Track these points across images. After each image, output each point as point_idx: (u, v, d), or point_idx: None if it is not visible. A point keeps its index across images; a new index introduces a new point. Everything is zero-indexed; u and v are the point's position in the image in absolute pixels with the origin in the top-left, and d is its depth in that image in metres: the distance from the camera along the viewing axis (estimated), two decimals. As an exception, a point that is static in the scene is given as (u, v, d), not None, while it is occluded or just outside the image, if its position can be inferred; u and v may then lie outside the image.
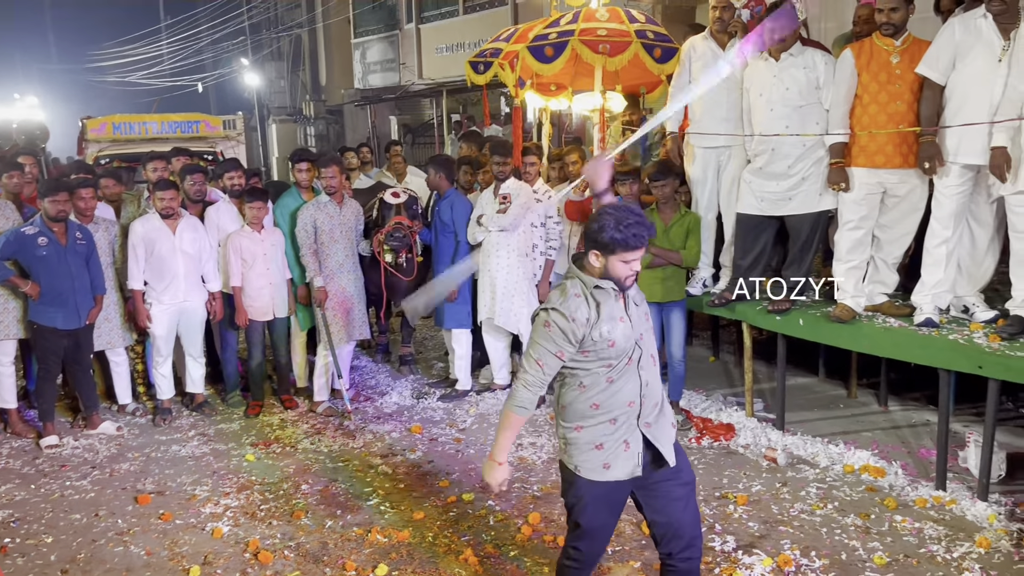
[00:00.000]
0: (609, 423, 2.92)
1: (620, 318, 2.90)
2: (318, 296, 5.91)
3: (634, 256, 2.84)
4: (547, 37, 6.03)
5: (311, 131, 23.88)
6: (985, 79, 4.32)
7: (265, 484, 4.87)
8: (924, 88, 4.56)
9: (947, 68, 4.44)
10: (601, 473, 2.94)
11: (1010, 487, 4.46)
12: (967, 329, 4.51)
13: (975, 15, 4.38)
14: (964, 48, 4.37)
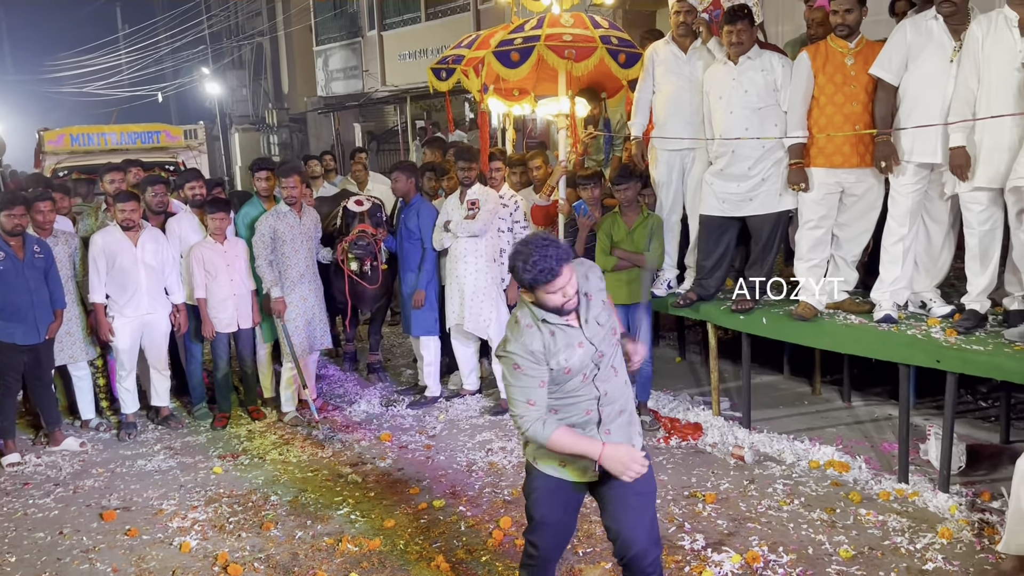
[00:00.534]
0: (567, 427, 2.90)
1: (579, 343, 2.85)
2: (276, 307, 5.84)
3: (555, 287, 2.75)
4: (512, 42, 6.05)
5: (274, 140, 23.69)
6: (937, 79, 4.43)
7: (233, 496, 4.82)
8: (878, 89, 4.66)
9: (900, 69, 4.55)
10: (556, 469, 2.98)
11: (970, 478, 4.56)
12: (925, 324, 4.61)
13: (926, 17, 4.48)
14: (916, 49, 4.48)
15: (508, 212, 6.08)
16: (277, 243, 5.84)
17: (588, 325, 2.89)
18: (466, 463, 5.15)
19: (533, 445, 2.98)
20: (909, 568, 3.74)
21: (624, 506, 2.95)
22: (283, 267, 5.88)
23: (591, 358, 2.88)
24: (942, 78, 4.42)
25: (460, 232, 5.93)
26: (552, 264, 2.73)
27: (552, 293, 2.77)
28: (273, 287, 5.80)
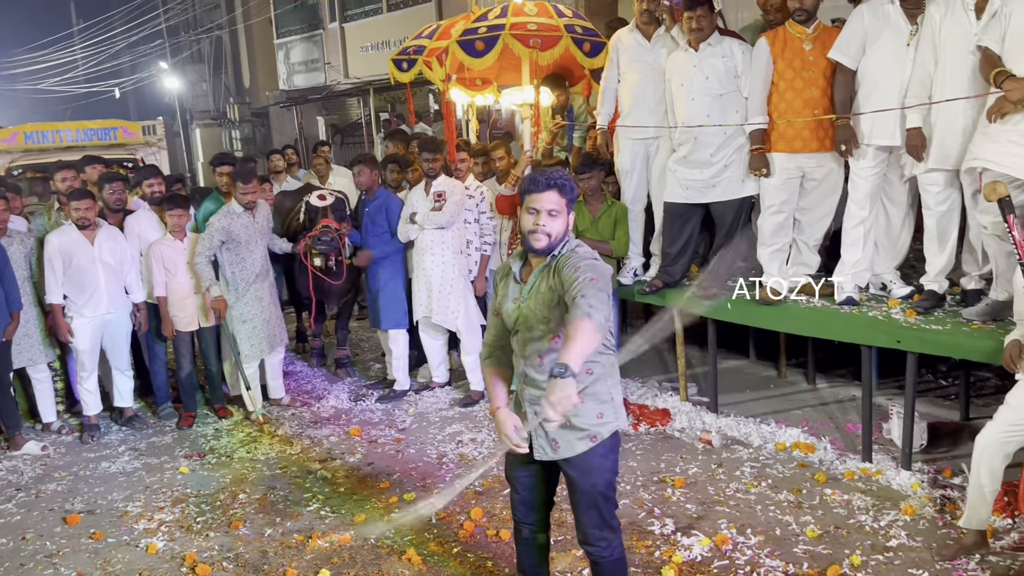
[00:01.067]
0: (500, 367, 3.11)
1: (513, 299, 2.95)
2: (217, 306, 5.70)
3: (534, 202, 2.82)
4: (477, 32, 6.03)
5: (236, 134, 23.38)
6: (895, 63, 4.48)
7: (201, 496, 4.77)
8: (837, 73, 4.71)
9: (858, 53, 4.59)
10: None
11: (932, 455, 4.64)
12: (885, 305, 4.68)
13: (882, 1, 4.54)
14: (873, 33, 4.53)
15: (474, 203, 6.07)
16: (232, 243, 5.72)
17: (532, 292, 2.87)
18: (436, 456, 5.14)
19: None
20: (874, 545, 3.80)
21: (572, 491, 3.01)
22: (240, 267, 5.78)
23: (514, 326, 2.94)
24: (899, 61, 4.47)
25: (427, 224, 5.90)
26: (543, 179, 2.85)
27: (530, 209, 2.84)
28: (212, 286, 5.67)
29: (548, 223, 2.81)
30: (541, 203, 2.82)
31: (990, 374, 5.73)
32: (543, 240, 2.82)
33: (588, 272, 2.71)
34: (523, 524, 3.23)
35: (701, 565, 3.73)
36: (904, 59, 4.46)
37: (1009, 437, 3.51)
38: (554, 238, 2.83)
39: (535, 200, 2.83)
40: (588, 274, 2.70)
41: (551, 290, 2.83)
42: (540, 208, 2.82)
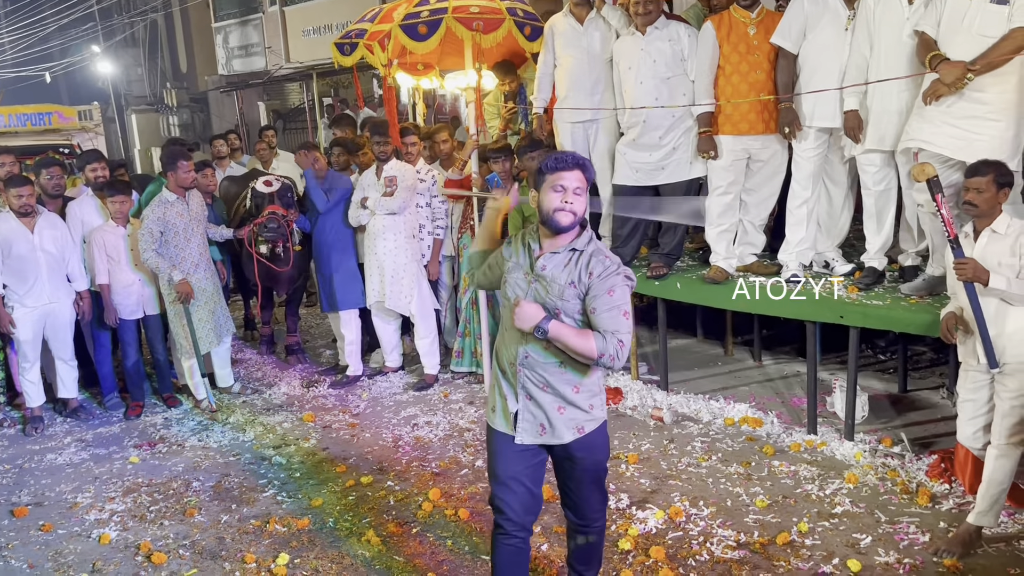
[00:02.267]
0: (500, 371, 2.96)
1: (525, 273, 2.89)
2: (183, 289, 5.54)
3: (562, 180, 2.77)
4: (419, 15, 5.99)
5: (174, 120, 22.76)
6: (834, 47, 4.62)
7: (153, 485, 4.70)
8: (779, 57, 4.83)
9: (799, 37, 4.72)
10: (490, 416, 3.03)
11: (873, 426, 4.83)
12: (828, 283, 4.83)
13: None
14: (814, 19, 4.65)
15: (426, 187, 6.06)
16: (168, 233, 5.57)
17: (541, 272, 2.85)
18: (392, 439, 5.15)
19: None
20: (820, 512, 3.95)
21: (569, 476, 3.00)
22: (177, 257, 5.60)
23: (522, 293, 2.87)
24: (838, 45, 4.61)
25: (378, 210, 5.88)
26: (570, 158, 2.83)
27: (556, 188, 2.79)
28: (173, 271, 5.54)
29: (575, 201, 2.79)
30: (568, 181, 2.78)
31: (925, 348, 5.97)
32: (569, 217, 2.79)
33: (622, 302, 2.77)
34: (518, 532, 2.94)
35: (656, 537, 3.83)
36: (843, 43, 4.60)
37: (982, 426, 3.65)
38: (578, 216, 2.83)
39: (562, 178, 2.79)
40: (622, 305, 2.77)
41: (572, 285, 2.80)
42: (567, 186, 2.78)
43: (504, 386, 2.95)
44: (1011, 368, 3.47)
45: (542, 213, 2.83)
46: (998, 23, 3.93)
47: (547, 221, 2.81)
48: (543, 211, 2.82)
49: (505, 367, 2.94)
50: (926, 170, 3.54)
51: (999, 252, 3.42)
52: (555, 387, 2.87)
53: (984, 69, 3.91)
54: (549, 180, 2.81)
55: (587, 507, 3.03)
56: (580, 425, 2.90)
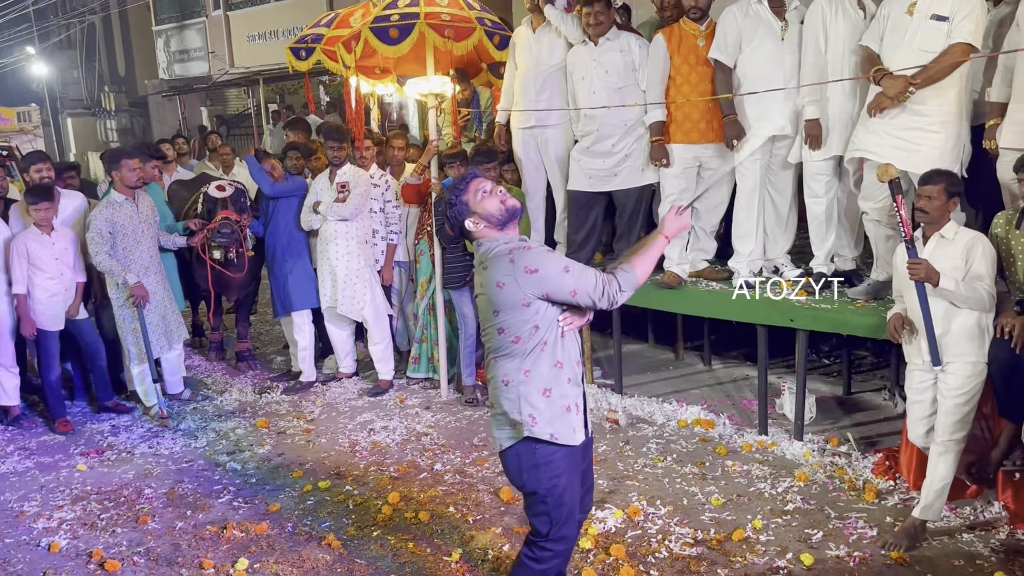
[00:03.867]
0: (567, 382, 2.80)
1: None
2: (138, 293, 5.43)
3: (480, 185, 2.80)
4: (389, 19, 5.98)
5: (112, 125, 22.25)
6: (772, 57, 4.79)
7: (103, 493, 4.59)
8: (716, 72, 4.96)
9: (735, 50, 4.87)
10: (572, 436, 2.80)
11: (820, 427, 4.98)
12: (778, 288, 4.97)
13: (751, 1, 4.84)
14: (749, 32, 4.81)
15: (379, 192, 6.05)
16: (117, 236, 5.44)
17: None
18: (348, 444, 5.12)
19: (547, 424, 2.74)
20: (773, 510, 4.06)
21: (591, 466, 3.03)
22: (127, 260, 5.48)
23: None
24: (776, 55, 4.78)
25: (330, 215, 5.85)
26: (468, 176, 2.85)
27: (482, 193, 2.78)
28: (127, 274, 5.42)
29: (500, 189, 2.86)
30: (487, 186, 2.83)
31: (866, 352, 6.18)
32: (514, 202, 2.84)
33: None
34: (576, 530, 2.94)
35: (616, 535, 3.89)
36: (781, 53, 4.77)
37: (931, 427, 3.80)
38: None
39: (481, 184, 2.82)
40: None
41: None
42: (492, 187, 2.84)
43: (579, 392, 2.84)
44: (953, 367, 3.63)
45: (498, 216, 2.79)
46: (937, 38, 4.12)
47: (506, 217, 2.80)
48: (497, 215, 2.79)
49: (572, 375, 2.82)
50: (889, 171, 3.67)
51: (947, 256, 3.58)
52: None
53: (924, 83, 4.09)
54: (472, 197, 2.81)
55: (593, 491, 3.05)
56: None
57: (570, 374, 2.80)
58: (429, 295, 5.90)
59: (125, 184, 5.49)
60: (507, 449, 2.84)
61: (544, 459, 2.77)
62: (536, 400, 2.75)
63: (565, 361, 2.78)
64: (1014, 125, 4.02)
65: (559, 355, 2.77)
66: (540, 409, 2.75)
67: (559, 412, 2.77)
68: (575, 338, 2.85)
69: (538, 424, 2.75)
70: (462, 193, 2.83)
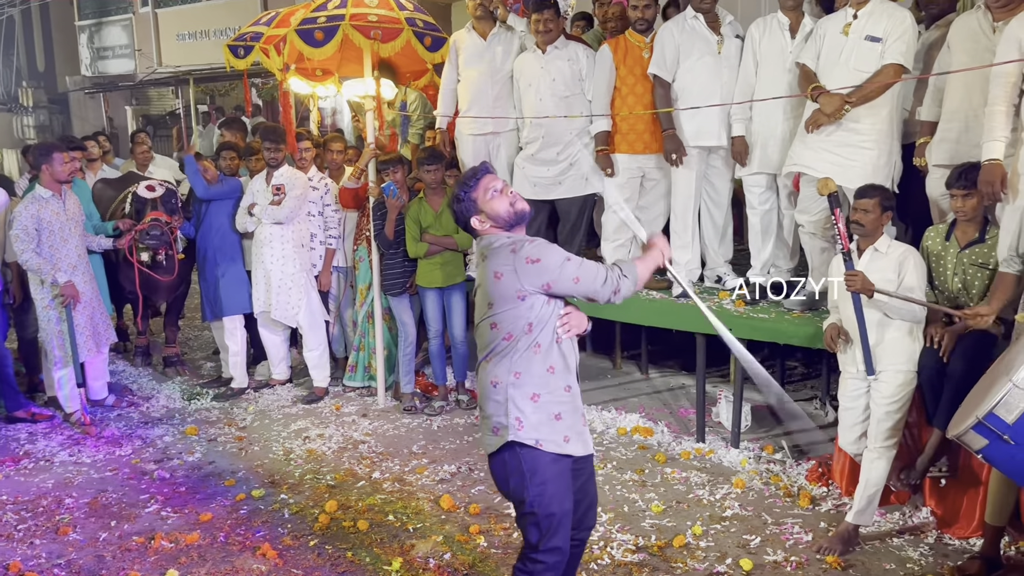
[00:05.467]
0: (564, 390, 2.75)
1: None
2: (68, 292, 5.18)
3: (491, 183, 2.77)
4: (316, 20, 5.89)
5: (29, 121, 21.30)
6: (709, 70, 4.91)
7: (19, 503, 4.36)
8: (656, 87, 5.03)
9: (673, 66, 4.96)
10: (562, 446, 2.74)
11: (756, 435, 5.06)
12: (717, 297, 5.06)
13: (686, 17, 4.98)
14: (686, 47, 4.92)
15: (318, 195, 5.94)
16: (43, 233, 5.20)
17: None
18: (283, 452, 4.99)
19: (532, 430, 2.69)
20: (712, 516, 4.11)
21: (587, 473, 2.91)
22: (53, 258, 5.23)
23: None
24: (714, 68, 4.90)
25: (264, 218, 5.71)
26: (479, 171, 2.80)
27: (493, 192, 2.76)
28: (56, 273, 5.18)
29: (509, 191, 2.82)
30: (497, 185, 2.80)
31: (797, 363, 6.33)
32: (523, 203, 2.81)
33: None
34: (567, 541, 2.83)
35: (558, 543, 3.87)
36: (718, 66, 4.88)
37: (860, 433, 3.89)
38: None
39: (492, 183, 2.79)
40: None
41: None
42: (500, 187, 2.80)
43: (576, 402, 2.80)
44: (886, 376, 3.74)
45: (505, 218, 2.76)
46: (871, 59, 4.27)
47: (515, 220, 2.78)
48: (505, 216, 2.76)
49: (571, 382, 2.78)
50: (828, 185, 3.77)
51: (881, 269, 3.69)
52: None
53: (859, 101, 4.23)
54: (482, 195, 2.77)
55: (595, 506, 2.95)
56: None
57: (565, 383, 2.75)
58: (368, 303, 5.80)
59: (55, 178, 5.26)
60: (493, 455, 2.78)
61: (529, 465, 2.70)
62: (524, 404, 2.69)
63: (559, 368, 2.73)
64: (944, 143, 4.18)
65: (553, 360, 2.71)
66: (527, 413, 2.69)
67: (546, 418, 2.71)
68: (573, 348, 2.80)
69: (524, 428, 2.69)
70: (471, 190, 2.78)
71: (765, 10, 5.56)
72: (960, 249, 3.84)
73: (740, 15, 5.54)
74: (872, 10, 4.28)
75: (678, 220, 5.20)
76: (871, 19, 4.27)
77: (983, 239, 3.80)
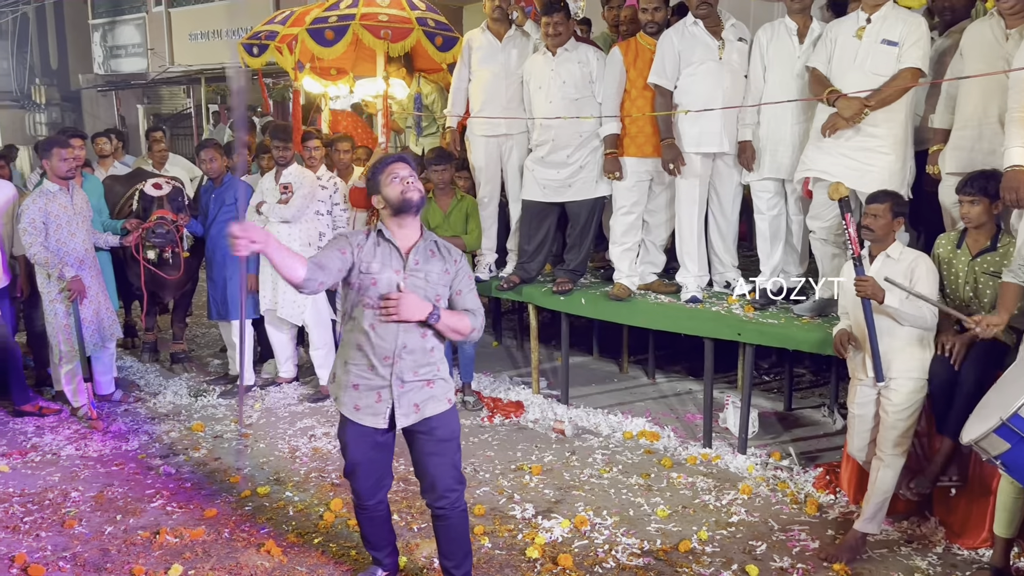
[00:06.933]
0: (368, 368, 3.12)
1: (396, 270, 3.07)
2: (75, 287, 5.19)
3: (392, 171, 3.06)
4: (327, 20, 5.93)
5: (42, 118, 21.44)
6: (712, 74, 4.87)
7: (26, 495, 4.37)
8: (656, 96, 5.01)
9: (673, 74, 4.93)
10: (352, 413, 3.17)
11: (763, 441, 5.04)
12: (726, 302, 5.04)
13: (686, 23, 4.93)
14: (687, 54, 4.89)
15: (327, 194, 5.93)
16: (51, 227, 5.22)
17: (415, 268, 3.09)
18: (289, 449, 4.98)
19: (338, 389, 3.20)
20: (717, 521, 4.09)
21: (424, 451, 3.20)
22: (60, 252, 5.24)
23: (395, 286, 3.06)
24: (716, 73, 4.86)
25: (272, 216, 5.71)
26: (392, 156, 3.16)
27: (393, 178, 3.05)
28: (64, 268, 5.20)
29: (414, 181, 3.08)
30: (401, 170, 3.08)
31: (805, 370, 6.30)
32: (416, 194, 3.05)
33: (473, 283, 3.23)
34: (378, 504, 3.36)
35: (563, 545, 3.86)
36: (720, 71, 4.85)
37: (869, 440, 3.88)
38: (422, 194, 3.08)
39: (394, 170, 3.07)
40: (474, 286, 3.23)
41: (446, 272, 3.15)
42: (401, 174, 3.07)
43: (375, 382, 3.11)
44: (896, 383, 3.71)
45: (393, 203, 3.05)
46: (888, 63, 4.25)
47: (401, 206, 3.05)
48: (394, 201, 3.05)
49: (375, 363, 3.10)
50: (839, 189, 3.76)
51: (892, 275, 3.66)
52: (426, 367, 3.14)
53: (878, 105, 4.21)
54: (382, 179, 3.07)
55: (441, 484, 3.21)
56: (447, 395, 3.21)
57: (369, 363, 3.10)
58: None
59: (56, 173, 5.27)
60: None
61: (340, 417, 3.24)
62: (339, 367, 3.21)
63: (365, 348, 3.09)
64: (957, 151, 4.16)
65: (360, 340, 3.09)
66: (337, 373, 3.22)
67: (345, 385, 3.16)
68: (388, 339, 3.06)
69: (335, 384, 3.23)
70: (379, 172, 3.11)
71: (778, 16, 5.54)
72: (971, 257, 3.81)
73: (752, 21, 5.52)
74: (886, 15, 4.26)
75: (684, 226, 5.18)
76: (885, 23, 4.25)
77: (995, 247, 3.78)
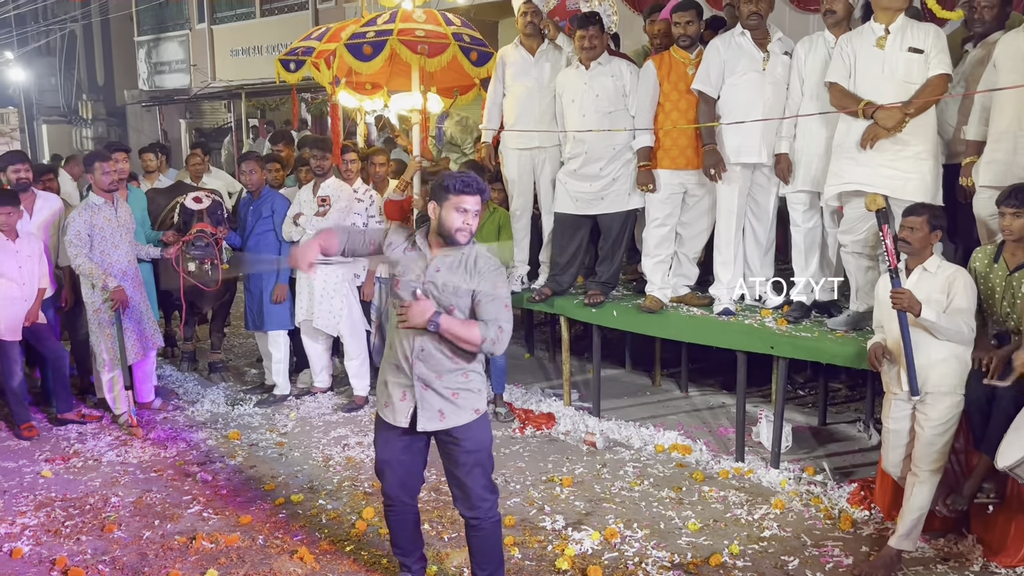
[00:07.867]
0: (395, 366, 3.24)
1: (417, 275, 3.15)
2: (119, 297, 5.34)
3: (464, 202, 3.08)
4: (365, 36, 6.01)
5: (88, 133, 22.01)
6: (754, 86, 4.86)
7: (68, 500, 4.48)
8: (700, 103, 5.02)
9: (718, 82, 4.94)
10: (382, 409, 3.31)
11: (796, 455, 4.99)
12: (759, 315, 5.01)
13: (734, 34, 4.93)
14: (732, 63, 4.89)
15: (363, 207, 6.02)
16: (95, 239, 5.37)
17: (434, 274, 3.15)
18: (322, 458, 5.05)
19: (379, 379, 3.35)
20: (749, 536, 4.06)
21: (455, 461, 3.27)
22: (104, 263, 5.39)
23: (411, 293, 3.13)
24: (758, 84, 4.85)
25: (309, 228, 5.80)
26: (474, 184, 3.12)
27: (459, 209, 3.09)
28: (107, 279, 5.35)
29: (473, 223, 3.14)
30: (471, 205, 3.11)
31: (840, 384, 6.23)
32: (467, 237, 3.14)
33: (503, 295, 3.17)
34: (406, 503, 3.43)
35: (592, 557, 3.86)
36: (762, 83, 4.84)
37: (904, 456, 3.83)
38: (473, 234, 3.18)
39: (465, 202, 3.10)
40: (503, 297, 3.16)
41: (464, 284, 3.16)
42: (469, 209, 3.11)
43: (401, 380, 3.22)
44: (932, 397, 3.67)
45: (443, 228, 3.12)
46: (919, 70, 4.23)
47: (447, 237, 3.13)
48: (444, 227, 3.12)
49: (400, 362, 3.20)
50: (877, 200, 3.73)
51: (929, 289, 3.63)
52: (453, 375, 3.19)
53: (916, 112, 4.18)
54: (453, 201, 3.10)
55: (473, 493, 3.26)
56: (475, 406, 3.25)
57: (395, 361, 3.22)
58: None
59: (99, 186, 5.43)
60: None
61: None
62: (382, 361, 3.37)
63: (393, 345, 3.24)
64: (991, 164, 4.11)
65: (392, 337, 3.25)
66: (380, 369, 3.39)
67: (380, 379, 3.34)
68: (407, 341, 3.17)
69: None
70: (452, 190, 3.12)
71: (813, 29, 5.52)
72: (1009, 272, 3.75)
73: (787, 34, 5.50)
74: (903, 25, 4.27)
75: (721, 236, 5.16)
76: (905, 33, 4.25)
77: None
